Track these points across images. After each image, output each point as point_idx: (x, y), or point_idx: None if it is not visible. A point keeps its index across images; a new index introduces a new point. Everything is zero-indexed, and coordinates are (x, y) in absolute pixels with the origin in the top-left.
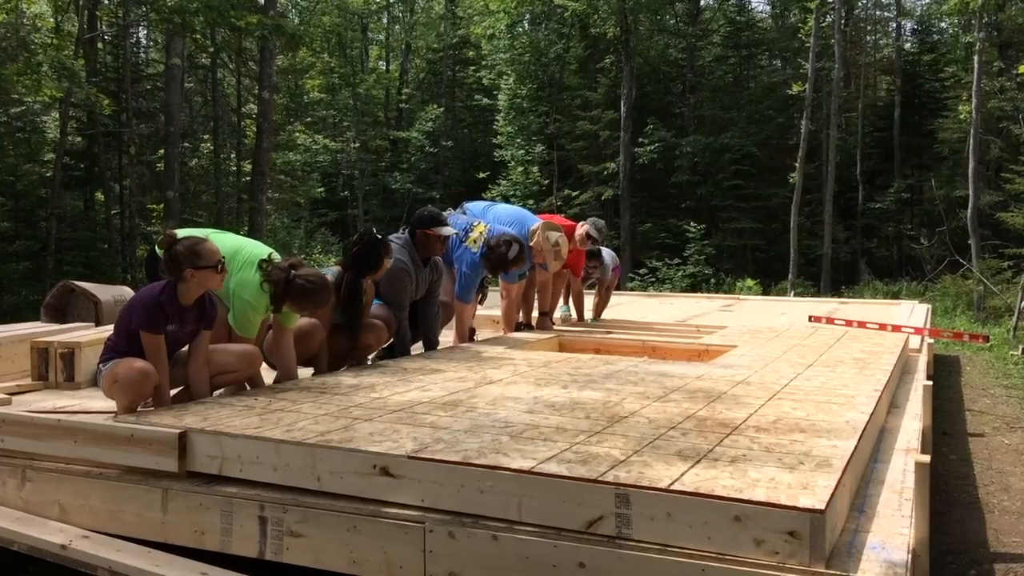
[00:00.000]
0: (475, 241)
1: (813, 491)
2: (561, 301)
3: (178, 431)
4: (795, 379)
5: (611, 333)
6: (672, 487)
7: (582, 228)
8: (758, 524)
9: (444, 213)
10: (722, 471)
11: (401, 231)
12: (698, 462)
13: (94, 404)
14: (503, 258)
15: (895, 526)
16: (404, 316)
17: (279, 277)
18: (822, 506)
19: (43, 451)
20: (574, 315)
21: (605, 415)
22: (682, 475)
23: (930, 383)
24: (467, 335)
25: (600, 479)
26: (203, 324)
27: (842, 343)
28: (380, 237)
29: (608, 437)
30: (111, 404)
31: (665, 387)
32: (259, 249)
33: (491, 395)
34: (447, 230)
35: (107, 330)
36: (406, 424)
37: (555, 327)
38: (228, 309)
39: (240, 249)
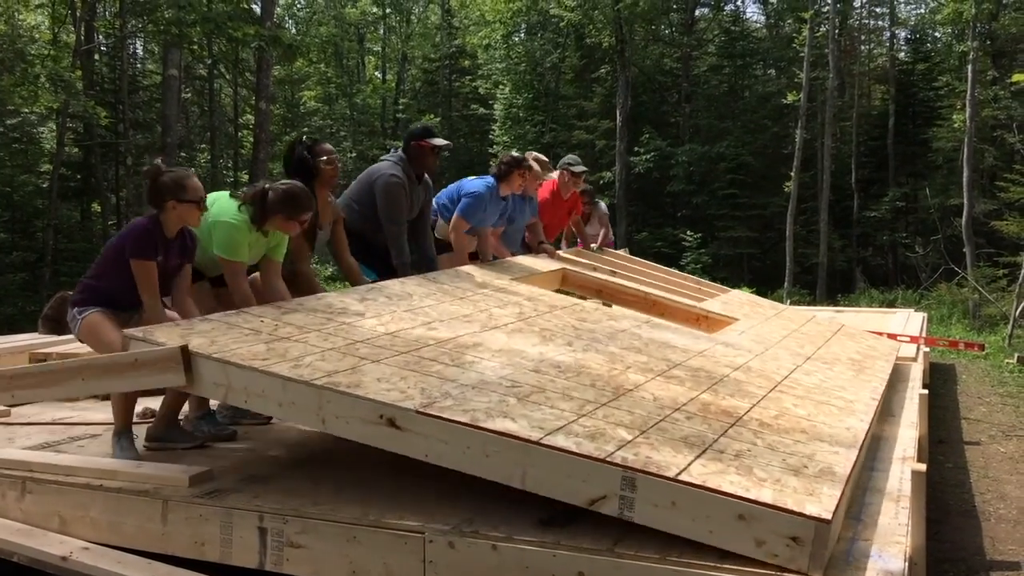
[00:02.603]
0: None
1: (819, 499)
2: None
3: (179, 345)
4: (795, 371)
5: (615, 275)
6: (680, 477)
7: (560, 174)
8: (762, 525)
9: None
10: (728, 465)
11: (392, 151)
12: (704, 452)
13: (94, 416)
14: (512, 158)
15: (892, 534)
16: (402, 230)
17: (255, 193)
18: (828, 516)
19: (55, 396)
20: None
21: (611, 385)
22: (689, 465)
23: (926, 392)
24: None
25: (608, 459)
26: (186, 258)
27: (839, 339)
28: (311, 140)
29: (614, 411)
30: (111, 416)
31: (668, 360)
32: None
33: (497, 344)
34: (439, 140)
35: None
36: (413, 371)
37: (560, 253)
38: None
39: (216, 198)
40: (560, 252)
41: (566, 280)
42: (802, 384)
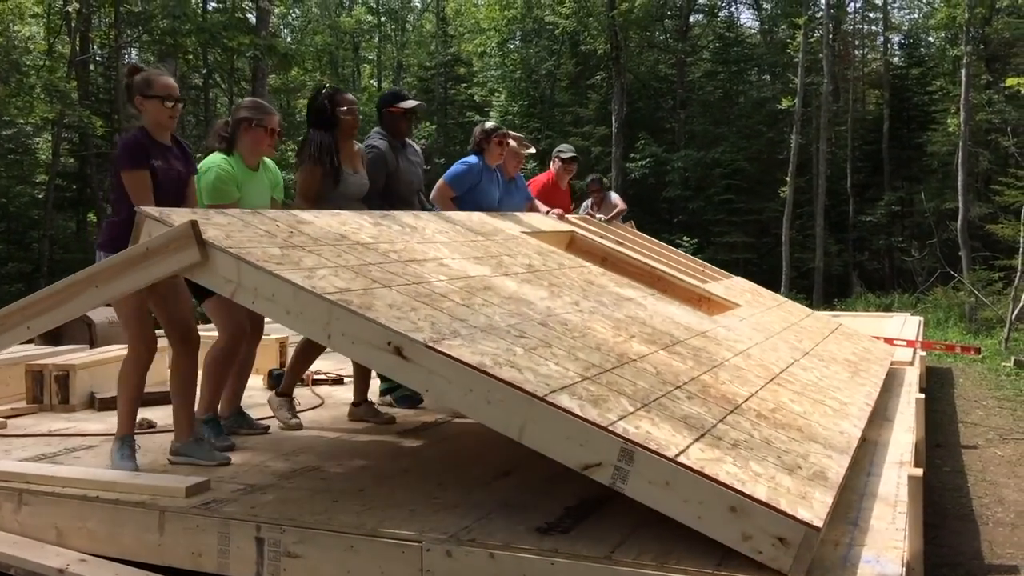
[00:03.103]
0: None
1: (811, 504)
2: None
3: (188, 221)
4: (792, 365)
5: (621, 245)
6: (678, 458)
7: (553, 162)
8: (752, 521)
9: None
10: (725, 453)
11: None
12: (702, 436)
13: (90, 427)
14: (483, 128)
15: (889, 539)
16: (386, 195)
17: (222, 125)
18: (819, 524)
19: (72, 313)
20: None
21: (615, 352)
22: (688, 447)
23: (923, 396)
24: None
25: (610, 428)
26: (190, 167)
27: (836, 338)
28: (331, 90)
29: (618, 379)
30: (107, 427)
31: (671, 335)
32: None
33: (507, 291)
34: (409, 103)
35: (102, 352)
36: (424, 304)
37: (570, 218)
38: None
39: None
40: (569, 217)
41: (573, 243)
42: (799, 379)
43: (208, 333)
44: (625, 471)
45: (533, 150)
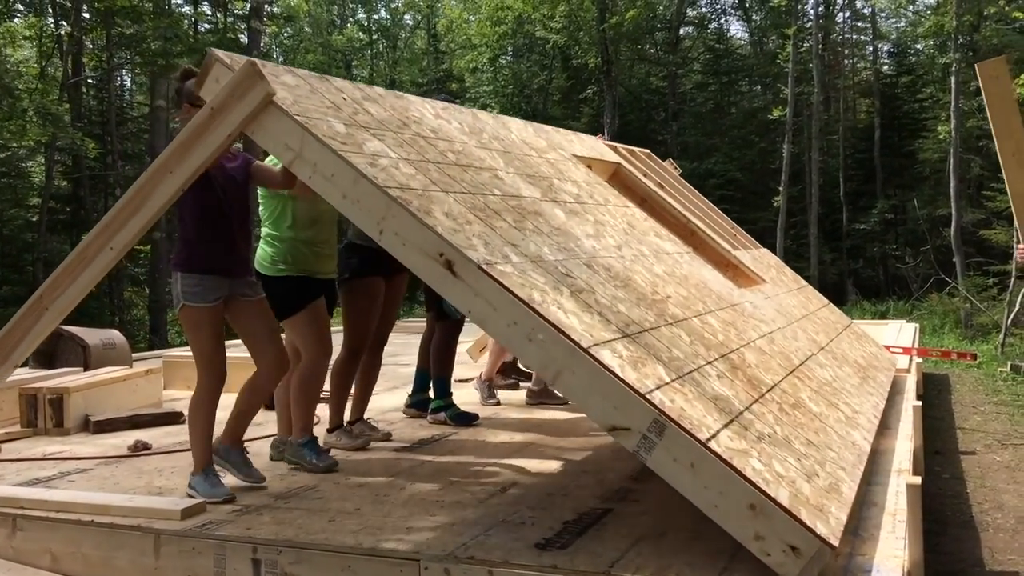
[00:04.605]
0: None
1: (827, 519)
2: None
3: (248, 60)
4: (809, 360)
5: (662, 188)
6: (709, 444)
7: None
8: (770, 523)
9: None
10: (752, 447)
11: None
12: (731, 422)
13: (85, 450)
14: None
15: (890, 548)
16: None
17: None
18: (835, 542)
19: (156, 209)
20: None
21: (653, 310)
22: (718, 432)
23: (919, 403)
24: None
25: (647, 396)
26: (243, 161)
27: (847, 337)
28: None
29: (655, 343)
30: (103, 450)
31: (704, 303)
32: None
33: (556, 220)
34: None
35: (96, 375)
36: (479, 219)
37: (619, 147)
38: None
39: None
40: (618, 146)
41: (617, 175)
42: (816, 376)
43: (234, 354)
44: (652, 443)
45: None
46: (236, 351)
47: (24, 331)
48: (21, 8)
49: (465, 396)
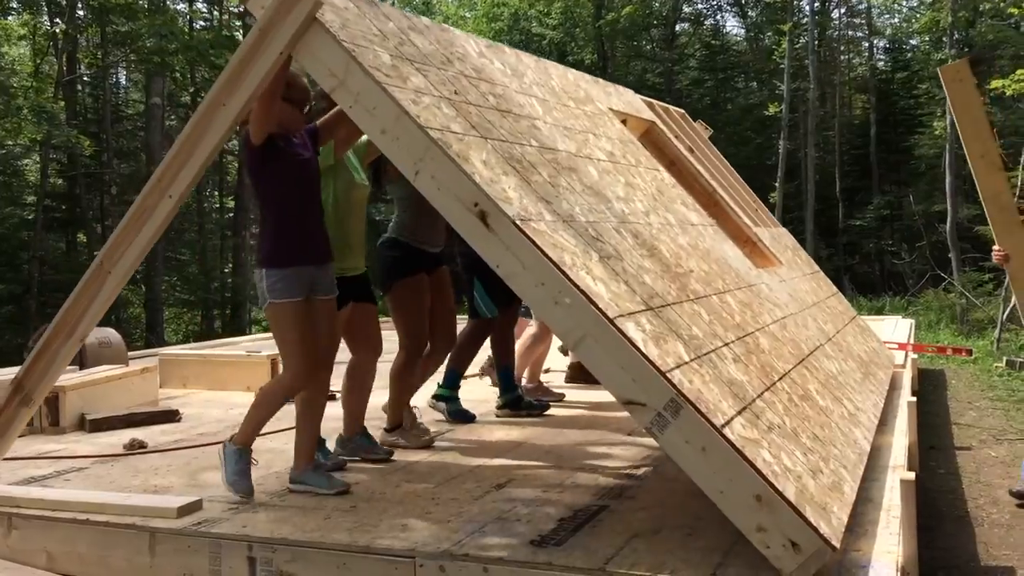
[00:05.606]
0: None
1: (830, 519)
2: None
3: None
4: (818, 350)
5: (692, 153)
6: (724, 430)
7: None
8: (773, 516)
9: None
10: (763, 437)
11: None
12: (744, 409)
13: (80, 449)
14: None
15: (884, 544)
16: None
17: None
18: (836, 543)
19: (213, 144)
20: None
21: (675, 284)
22: (732, 419)
23: (914, 399)
24: None
25: (667, 375)
26: (313, 144)
27: (851, 329)
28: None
29: (676, 319)
30: (99, 448)
31: (723, 281)
32: None
33: (589, 179)
34: None
35: (92, 373)
36: (515, 170)
37: (655, 104)
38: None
39: None
40: (654, 102)
41: (649, 134)
42: (823, 368)
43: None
44: (666, 421)
45: None
46: (234, 350)
47: (89, 299)
48: (15, 6)
49: (467, 393)
